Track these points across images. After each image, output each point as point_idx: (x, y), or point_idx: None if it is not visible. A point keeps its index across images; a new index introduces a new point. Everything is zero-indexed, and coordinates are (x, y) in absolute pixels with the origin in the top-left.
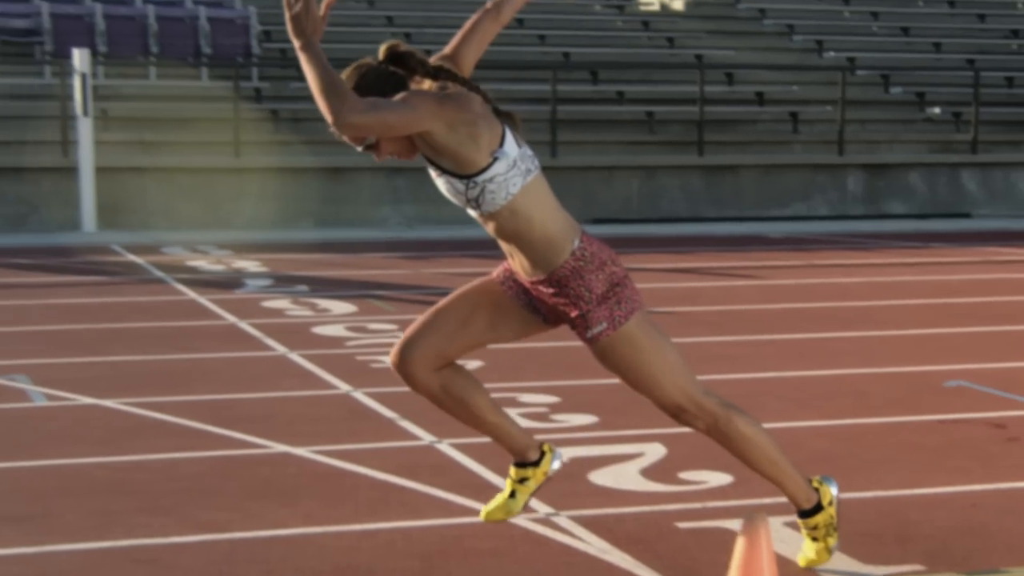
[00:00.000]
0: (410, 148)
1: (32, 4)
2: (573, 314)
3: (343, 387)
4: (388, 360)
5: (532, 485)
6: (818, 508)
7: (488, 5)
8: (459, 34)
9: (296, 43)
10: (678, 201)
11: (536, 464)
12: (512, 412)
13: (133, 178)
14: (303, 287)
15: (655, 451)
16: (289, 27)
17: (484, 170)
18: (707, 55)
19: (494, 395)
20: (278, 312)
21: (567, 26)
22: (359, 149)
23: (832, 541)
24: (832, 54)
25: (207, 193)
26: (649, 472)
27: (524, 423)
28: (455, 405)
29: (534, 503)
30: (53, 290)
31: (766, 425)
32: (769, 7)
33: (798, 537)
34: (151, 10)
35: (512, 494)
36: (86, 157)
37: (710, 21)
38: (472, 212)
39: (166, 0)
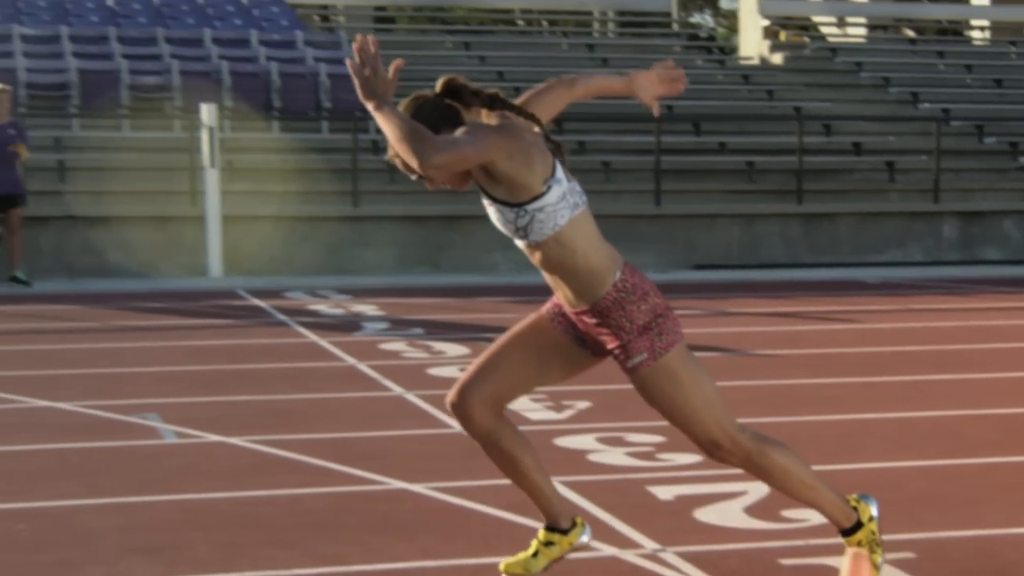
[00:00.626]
0: (464, 178)
1: (163, 62)
2: (614, 345)
3: (456, 426)
4: (446, 399)
5: (556, 552)
6: (858, 526)
7: (564, 78)
8: (529, 93)
9: (369, 105)
10: (777, 247)
11: (565, 532)
12: (619, 451)
13: (257, 226)
14: (419, 330)
15: (758, 490)
16: (360, 91)
17: (536, 198)
18: (805, 107)
19: (602, 434)
20: (395, 354)
21: None
22: (413, 178)
23: (877, 558)
24: (927, 105)
25: (327, 240)
26: (753, 510)
27: (630, 462)
28: (502, 456)
29: (641, 538)
30: (182, 332)
31: (867, 466)
32: (865, 60)
33: (899, 573)
34: (274, 67)
35: (535, 554)
36: (213, 206)
37: (808, 74)
38: (519, 242)
39: (288, 58)
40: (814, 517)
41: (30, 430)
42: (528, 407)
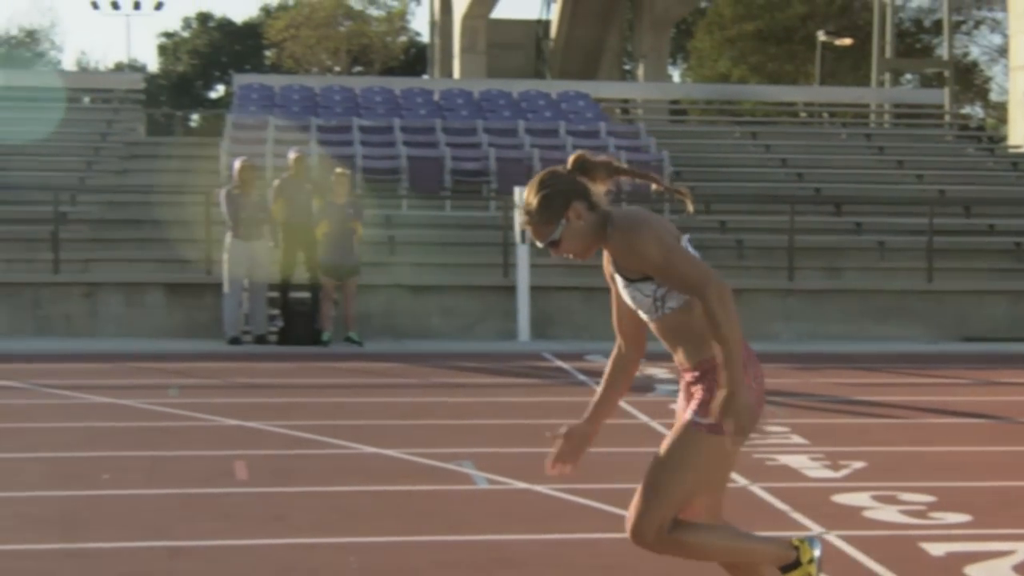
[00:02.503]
0: (589, 250)
1: (481, 149)
2: (697, 399)
3: (742, 481)
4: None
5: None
6: (796, 564)
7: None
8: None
9: None
10: None
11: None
12: (892, 508)
13: (562, 296)
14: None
15: None
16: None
17: None
18: None
19: (877, 492)
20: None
21: (943, 166)
22: (540, 244)
23: None
24: None
25: None
26: (1022, 568)
27: (903, 519)
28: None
29: None
30: (494, 390)
31: None
32: None
33: None
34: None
35: None
36: (523, 278)
37: None
38: (648, 315)
39: (592, 146)
40: None
41: (360, 473)
42: (806, 465)
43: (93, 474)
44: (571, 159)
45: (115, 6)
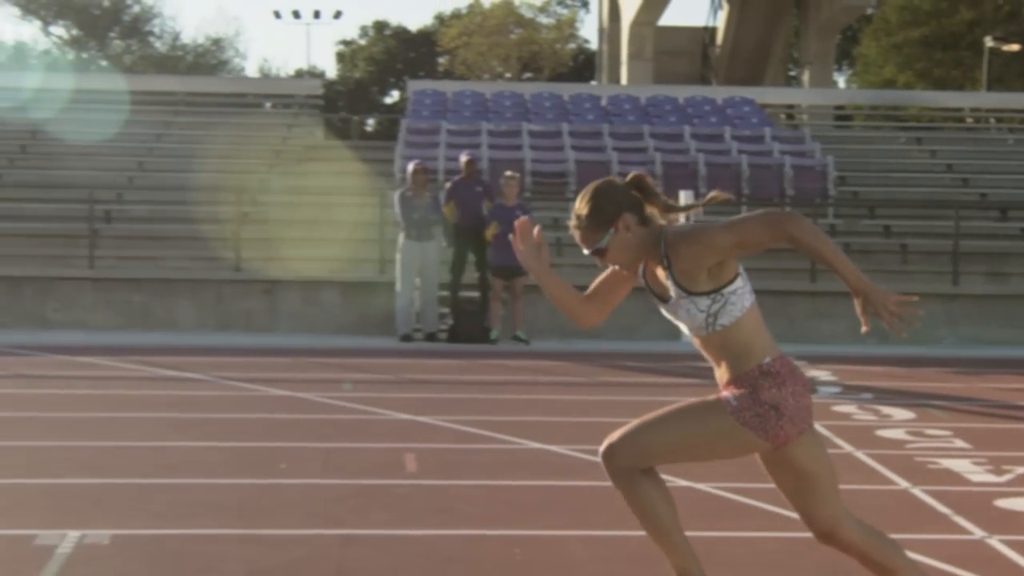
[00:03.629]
0: (634, 263)
1: (647, 154)
2: (741, 389)
3: (902, 483)
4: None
5: None
6: None
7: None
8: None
9: (533, 275)
10: None
11: None
12: None
13: None
14: (868, 395)
15: None
16: (522, 260)
17: (732, 281)
18: None
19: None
20: (846, 416)
21: None
22: (586, 252)
23: None
24: None
25: (786, 312)
26: None
27: None
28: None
29: None
30: (657, 388)
31: None
32: None
33: None
34: (744, 159)
35: None
36: None
37: None
38: (697, 331)
39: (757, 151)
40: None
41: (526, 468)
42: (969, 469)
43: (270, 463)
44: (630, 176)
45: (296, 15)
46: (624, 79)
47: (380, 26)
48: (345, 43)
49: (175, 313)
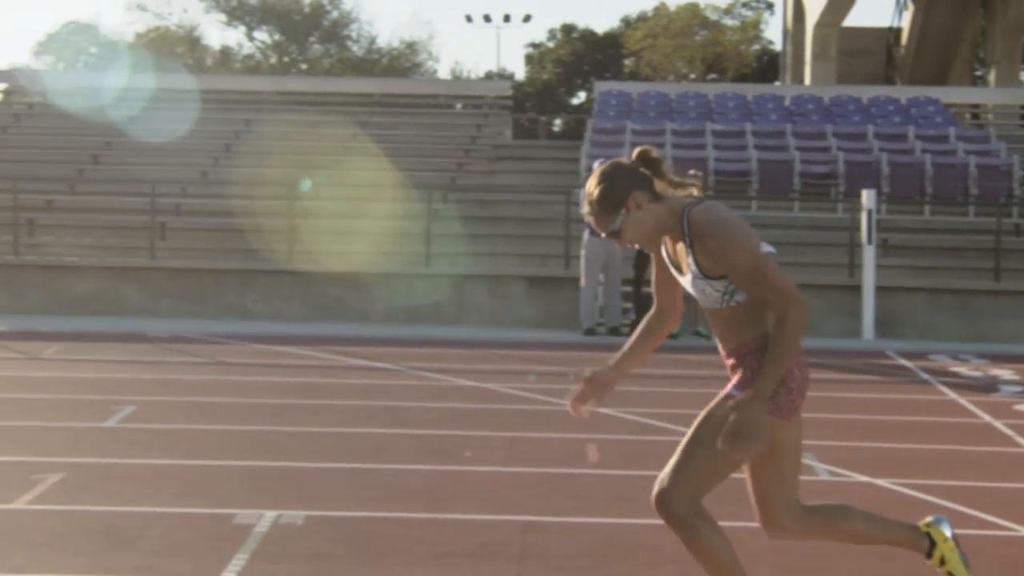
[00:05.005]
0: (654, 240)
1: (830, 153)
2: (735, 381)
3: None
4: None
5: None
6: (932, 547)
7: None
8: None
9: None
10: None
11: None
12: None
13: (907, 297)
14: None
15: None
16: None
17: None
18: None
19: None
20: None
21: None
22: (602, 235)
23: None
24: None
25: (968, 310)
26: None
27: None
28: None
29: None
30: (837, 385)
31: None
32: None
33: None
34: (928, 159)
35: None
36: (869, 278)
37: None
38: (709, 305)
39: (941, 150)
40: None
41: None
42: None
43: (457, 451)
44: (636, 151)
45: (487, 19)
46: (807, 79)
47: (568, 29)
48: (534, 46)
49: (367, 305)
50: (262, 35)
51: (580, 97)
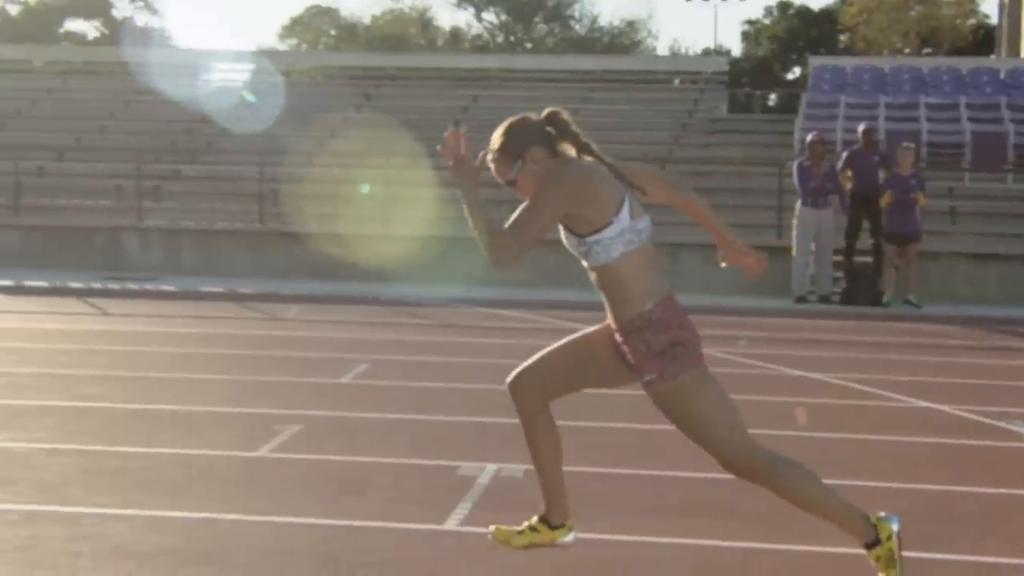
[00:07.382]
0: None
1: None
2: (632, 361)
3: None
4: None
5: (537, 539)
6: (877, 541)
7: (669, 179)
8: (650, 172)
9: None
10: None
11: (553, 528)
12: None
13: None
14: None
15: None
16: (449, 175)
17: (594, 232)
18: None
19: None
20: None
21: None
22: (501, 182)
23: (894, 573)
24: None
25: None
26: None
27: None
28: (531, 440)
29: None
30: None
31: None
32: None
33: None
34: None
35: (520, 532)
36: None
37: None
38: (583, 262)
39: None
40: None
41: (911, 425)
42: None
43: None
44: (545, 112)
45: None
46: None
47: (784, 6)
48: (750, 23)
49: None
50: (490, 16)
51: (795, 72)
